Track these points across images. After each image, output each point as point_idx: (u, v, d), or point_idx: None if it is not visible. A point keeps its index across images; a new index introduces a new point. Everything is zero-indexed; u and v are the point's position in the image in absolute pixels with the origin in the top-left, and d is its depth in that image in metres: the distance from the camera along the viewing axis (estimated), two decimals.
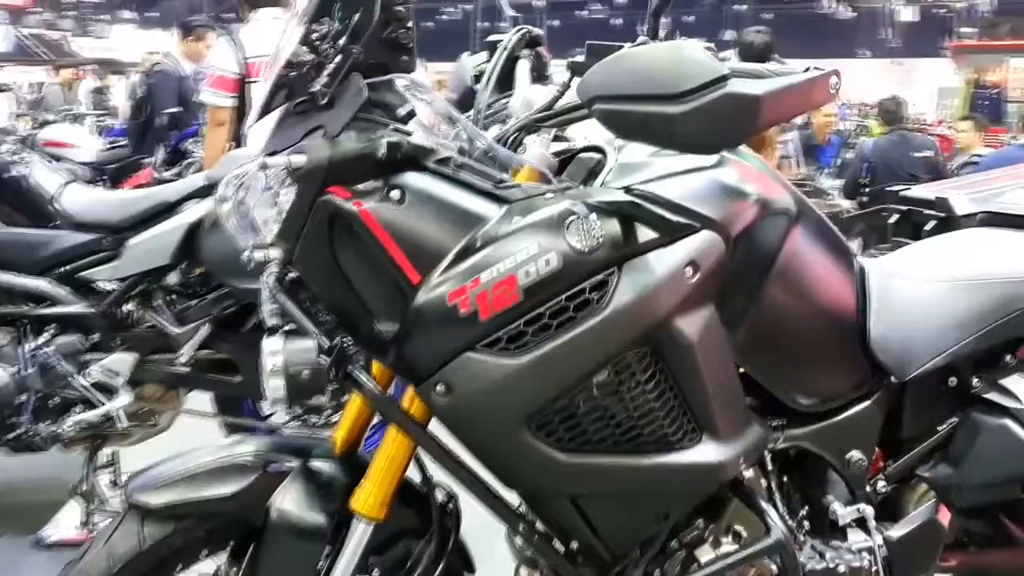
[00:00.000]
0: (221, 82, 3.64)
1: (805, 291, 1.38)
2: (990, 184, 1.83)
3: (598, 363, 1.17)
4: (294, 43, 1.24)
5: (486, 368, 1.16)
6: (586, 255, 1.16)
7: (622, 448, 1.22)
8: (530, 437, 1.19)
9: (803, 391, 1.41)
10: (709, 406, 1.24)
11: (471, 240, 1.17)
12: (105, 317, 2.55)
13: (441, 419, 1.22)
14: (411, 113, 1.24)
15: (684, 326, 1.20)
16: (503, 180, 1.21)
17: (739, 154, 1.34)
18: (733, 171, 1.30)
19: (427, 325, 1.16)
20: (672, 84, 1.03)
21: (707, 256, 1.22)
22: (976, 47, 14.63)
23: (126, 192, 2.83)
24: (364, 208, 1.15)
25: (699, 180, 1.27)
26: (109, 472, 2.84)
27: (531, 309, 1.15)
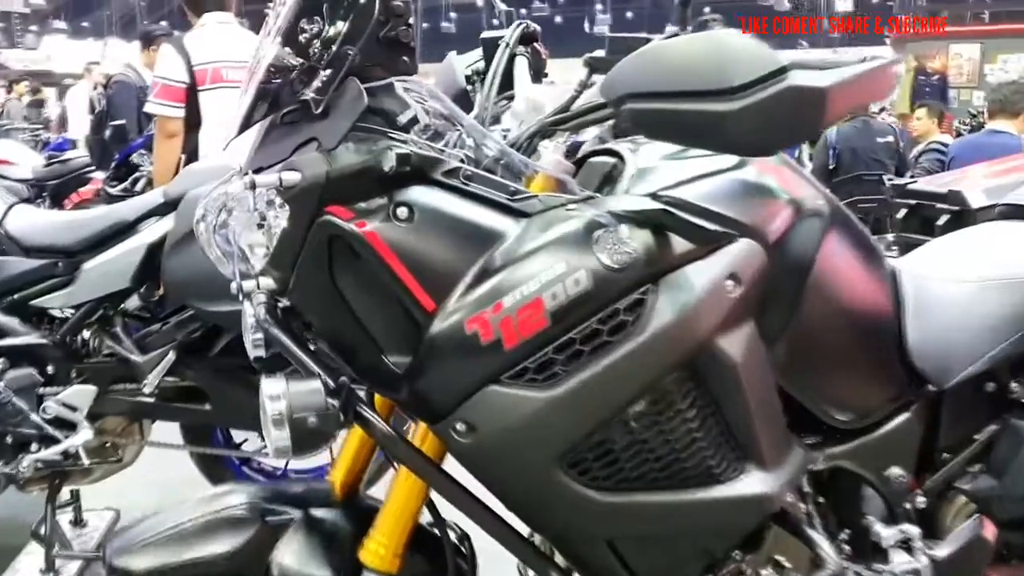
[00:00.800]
0: (168, 92, 3.48)
1: (843, 298, 1.27)
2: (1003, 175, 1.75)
3: (637, 392, 1.06)
4: (277, 46, 1.11)
5: (512, 402, 1.04)
6: (618, 272, 1.04)
7: (662, 484, 1.10)
8: (562, 476, 1.07)
9: (842, 405, 1.31)
10: (754, 432, 1.13)
11: (489, 260, 1.04)
12: (60, 347, 2.39)
13: (461, 460, 1.09)
14: (413, 120, 1.11)
15: (727, 345, 1.09)
16: (518, 191, 1.09)
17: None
18: (760, 170, 1.20)
19: (444, 357, 1.04)
20: (723, 78, 0.92)
21: (748, 267, 1.11)
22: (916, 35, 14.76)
23: (78, 212, 2.65)
24: (369, 229, 1.02)
25: (729, 183, 1.17)
26: (71, 511, 2.67)
27: (560, 335, 1.03)
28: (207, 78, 3.48)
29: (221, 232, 1.10)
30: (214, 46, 3.55)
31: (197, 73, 3.46)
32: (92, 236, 2.34)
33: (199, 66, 3.47)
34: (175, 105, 3.47)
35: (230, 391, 2.44)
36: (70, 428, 2.36)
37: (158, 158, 3.63)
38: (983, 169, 2.18)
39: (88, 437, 2.35)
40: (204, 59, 3.50)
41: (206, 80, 3.48)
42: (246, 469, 2.77)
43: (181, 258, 2.20)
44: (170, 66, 3.50)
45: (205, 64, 3.49)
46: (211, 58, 3.50)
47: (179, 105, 3.47)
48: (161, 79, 3.51)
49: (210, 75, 3.48)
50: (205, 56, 3.51)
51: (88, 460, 2.38)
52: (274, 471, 2.82)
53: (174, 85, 3.47)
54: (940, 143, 5.64)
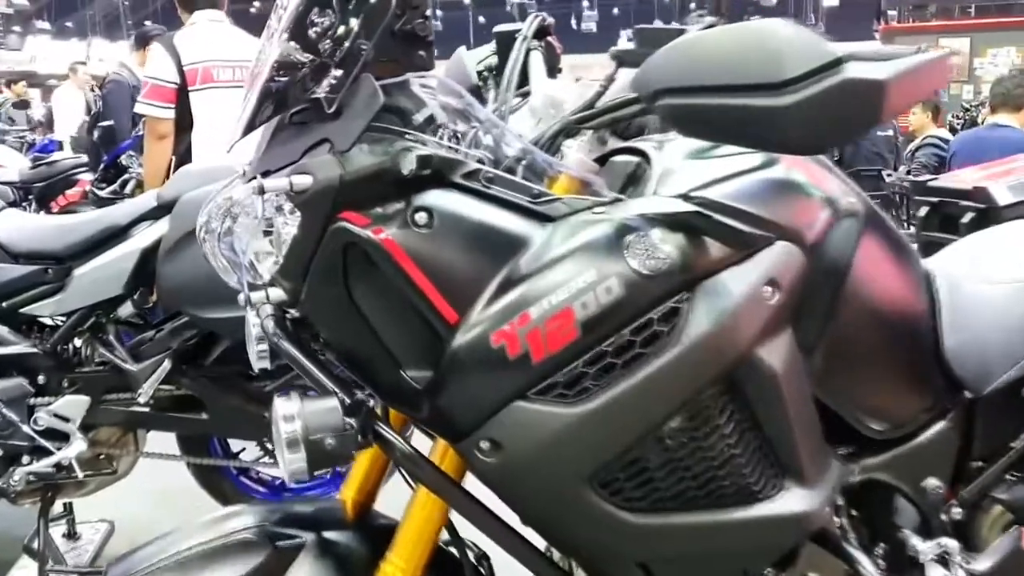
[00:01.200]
0: (158, 92, 3.42)
1: (880, 303, 1.22)
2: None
3: (673, 407, 1.00)
4: (284, 42, 1.04)
5: (541, 419, 0.97)
6: (652, 279, 0.98)
7: (699, 504, 1.04)
8: (593, 497, 1.00)
9: (878, 414, 1.25)
10: (794, 447, 1.07)
11: (514, 268, 0.98)
12: (51, 356, 2.32)
13: (485, 480, 1.02)
14: (430, 118, 1.04)
15: (766, 356, 1.03)
16: (542, 193, 1.02)
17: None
18: (789, 167, 1.14)
19: (468, 371, 0.97)
20: (772, 71, 0.85)
21: (787, 271, 1.05)
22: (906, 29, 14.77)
23: (68, 217, 2.58)
24: (386, 236, 0.96)
25: (762, 182, 1.10)
26: (64, 524, 2.60)
27: (591, 347, 0.97)
28: (197, 78, 3.41)
29: (226, 240, 1.04)
30: (205, 45, 3.48)
31: (187, 73, 3.39)
32: (83, 241, 2.27)
33: (189, 66, 3.40)
34: (165, 106, 3.41)
35: (227, 399, 2.37)
36: (62, 439, 2.29)
37: (148, 160, 3.55)
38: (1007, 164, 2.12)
39: (81, 448, 2.29)
40: (194, 58, 3.43)
41: (196, 80, 3.41)
42: (244, 479, 2.70)
43: (176, 263, 2.13)
44: (160, 66, 3.43)
45: (195, 64, 3.42)
46: (201, 57, 3.43)
47: (169, 106, 3.40)
48: (151, 79, 3.44)
49: (200, 75, 3.41)
50: (195, 55, 3.43)
51: (82, 472, 2.31)
52: (273, 481, 2.75)
53: (164, 85, 3.40)
54: (937, 138, 5.60)
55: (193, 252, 2.13)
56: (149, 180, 3.53)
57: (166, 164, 3.45)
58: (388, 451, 1.03)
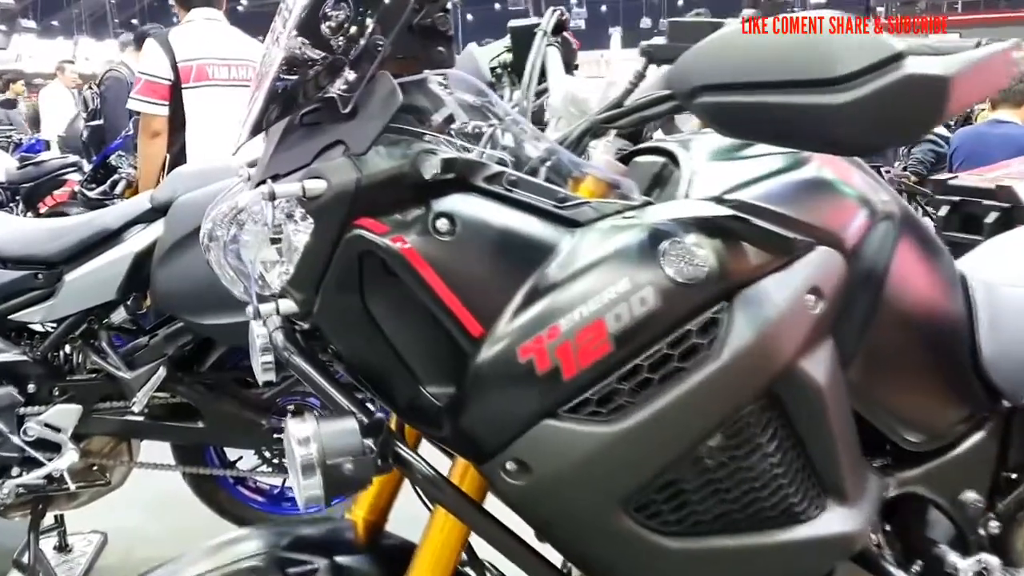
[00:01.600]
0: (151, 88, 3.38)
1: (918, 309, 1.16)
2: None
3: (714, 425, 0.93)
4: (293, 37, 0.97)
5: (571, 439, 0.91)
6: (689, 288, 0.91)
7: (739, 526, 0.98)
8: (627, 521, 0.94)
9: (916, 426, 1.19)
10: (837, 464, 1.01)
11: (541, 277, 0.92)
12: (41, 364, 2.25)
13: (511, 504, 0.96)
14: (449, 118, 0.98)
15: (809, 368, 0.97)
16: (568, 197, 0.96)
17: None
18: (821, 165, 1.08)
19: (493, 388, 0.91)
20: (825, 66, 0.79)
21: (829, 278, 0.99)
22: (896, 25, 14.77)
23: (59, 220, 2.50)
24: (406, 245, 0.89)
25: (798, 183, 1.05)
26: (55, 536, 2.53)
27: (626, 361, 0.91)
28: (191, 75, 3.38)
29: (232, 248, 0.97)
30: (200, 43, 3.45)
31: (181, 69, 3.36)
32: (74, 245, 2.19)
33: (183, 63, 3.37)
34: (159, 102, 3.38)
35: (224, 407, 2.31)
36: (54, 450, 2.22)
37: (143, 158, 3.51)
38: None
39: (73, 459, 2.22)
40: (189, 55, 3.39)
41: (190, 77, 3.38)
42: (241, 489, 2.63)
43: (172, 268, 2.07)
44: (153, 62, 3.40)
45: (190, 61, 3.38)
46: (196, 55, 3.40)
47: (162, 102, 3.37)
48: (145, 75, 3.41)
49: (195, 72, 3.38)
50: (190, 53, 3.40)
51: (74, 484, 2.24)
52: (271, 490, 2.68)
53: (158, 81, 3.37)
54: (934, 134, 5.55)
55: (189, 256, 2.06)
56: (144, 178, 3.49)
57: (160, 161, 3.42)
58: (409, 474, 0.96)
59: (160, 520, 2.83)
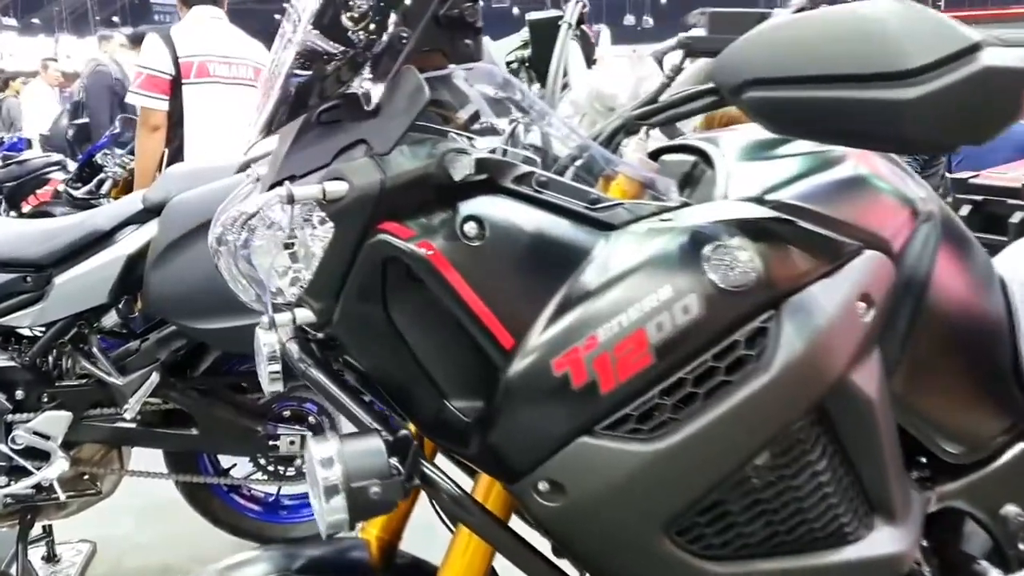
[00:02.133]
0: (152, 82, 3.35)
1: (960, 314, 1.11)
2: None
3: (762, 442, 0.88)
4: (309, 30, 0.91)
5: (610, 458, 0.85)
6: (736, 295, 0.86)
7: (786, 548, 0.93)
8: (670, 546, 0.89)
9: (957, 437, 1.14)
10: (886, 481, 0.96)
11: (576, 284, 0.86)
12: (30, 370, 2.17)
13: (543, 526, 0.91)
14: (475, 115, 0.92)
15: (859, 380, 0.92)
16: (600, 198, 0.90)
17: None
18: (859, 164, 1.03)
19: (526, 403, 0.85)
20: (895, 58, 0.73)
21: (879, 284, 0.94)
22: None
23: (48, 221, 2.43)
24: (433, 250, 0.83)
25: (838, 182, 0.99)
26: (43, 546, 2.45)
27: (668, 374, 0.85)
28: (192, 71, 3.36)
29: (243, 254, 0.91)
30: (201, 39, 3.43)
31: (182, 65, 3.34)
32: (64, 247, 2.12)
33: (185, 58, 3.35)
34: (159, 96, 3.35)
35: (218, 413, 2.25)
36: (43, 458, 2.15)
37: (141, 152, 3.48)
38: None
39: (63, 468, 2.15)
40: (190, 52, 3.37)
41: (191, 73, 3.36)
42: (235, 496, 2.57)
43: (166, 271, 2.00)
44: (155, 56, 3.37)
45: (191, 57, 3.36)
46: (198, 51, 3.38)
47: (163, 97, 3.35)
48: (145, 69, 3.38)
49: (196, 68, 3.36)
50: (191, 49, 3.38)
51: (63, 493, 2.17)
52: (266, 498, 2.62)
53: (159, 76, 3.34)
54: None
55: (184, 258, 2.00)
56: (140, 173, 3.47)
57: (159, 157, 3.39)
58: (434, 493, 0.90)
59: (151, 529, 2.76)
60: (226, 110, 3.37)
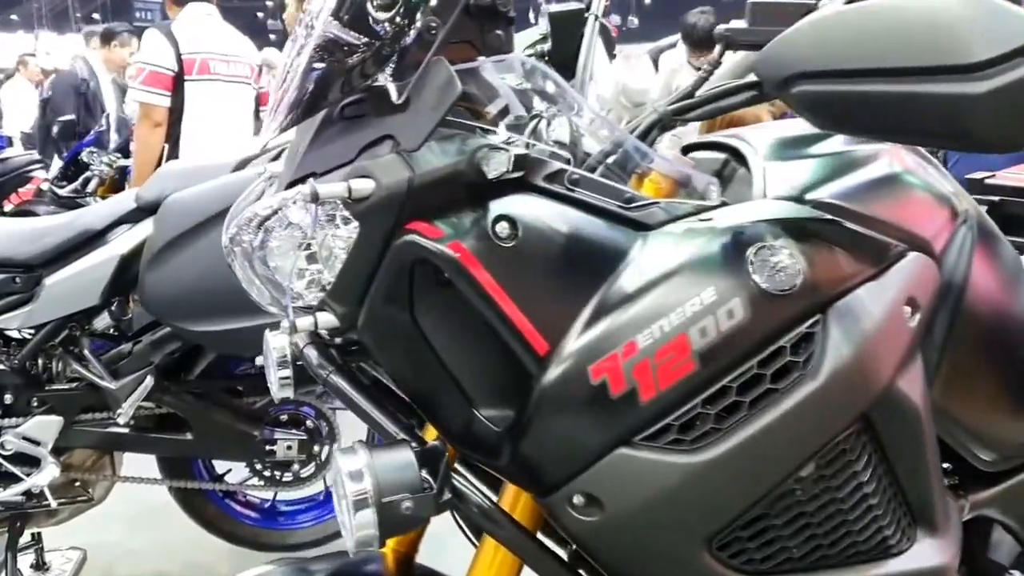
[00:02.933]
0: (156, 78, 3.37)
1: (995, 317, 1.08)
2: None
3: (809, 453, 0.84)
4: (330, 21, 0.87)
5: (650, 470, 0.81)
6: (782, 299, 0.82)
7: (830, 562, 0.89)
8: (712, 562, 0.85)
9: (991, 443, 1.11)
10: (929, 491, 0.93)
11: (613, 287, 0.82)
12: (19, 373, 2.12)
13: (578, 541, 0.87)
14: (505, 110, 0.88)
15: (905, 387, 0.88)
16: (634, 197, 0.86)
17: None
18: (893, 161, 0.99)
19: (561, 412, 0.81)
20: (957, 50, 0.70)
21: (925, 287, 0.91)
22: None
23: (38, 220, 2.37)
24: (465, 252, 0.79)
25: (877, 181, 0.96)
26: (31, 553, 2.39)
27: (711, 382, 0.81)
28: (195, 68, 3.38)
29: (259, 255, 0.86)
30: (202, 37, 3.44)
31: (185, 62, 3.36)
32: (55, 247, 2.06)
33: (188, 55, 3.36)
34: (163, 92, 3.37)
35: (214, 418, 2.19)
36: (33, 464, 2.10)
37: (142, 147, 3.48)
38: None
39: (54, 474, 2.10)
40: (193, 48, 3.39)
41: (194, 70, 3.38)
42: (230, 503, 2.51)
43: (162, 271, 1.95)
44: (158, 52, 3.38)
45: (194, 54, 3.38)
46: (200, 48, 3.40)
47: (166, 93, 3.37)
48: (149, 65, 3.38)
49: (198, 66, 3.38)
50: (194, 46, 3.40)
51: (54, 500, 2.11)
52: (262, 504, 2.56)
53: (163, 72, 3.35)
54: None
55: (181, 258, 1.95)
56: (139, 169, 3.46)
57: (159, 153, 3.40)
58: (465, 508, 0.86)
59: (142, 536, 2.70)
60: (225, 108, 3.40)
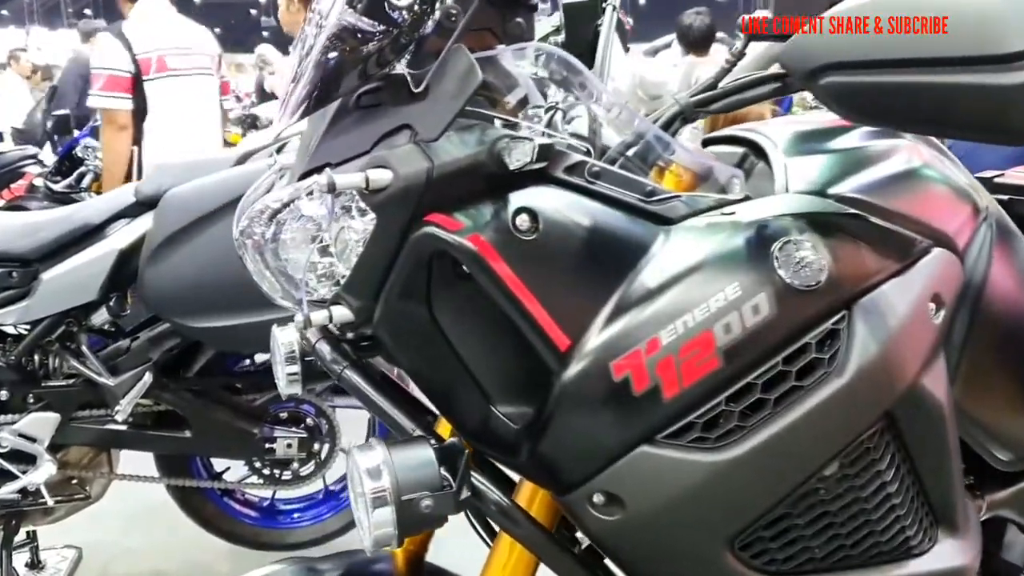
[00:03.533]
0: (115, 82, 3.34)
1: (1014, 315, 1.06)
2: None
3: (834, 452, 0.83)
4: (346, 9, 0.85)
5: (673, 469, 0.79)
6: (809, 295, 0.80)
7: (851, 563, 0.88)
8: (734, 562, 0.83)
9: (1008, 443, 1.09)
10: (951, 491, 0.91)
11: (635, 281, 0.80)
12: (15, 370, 2.09)
13: (598, 541, 0.85)
14: (524, 100, 0.86)
15: (929, 385, 0.87)
16: (655, 190, 0.84)
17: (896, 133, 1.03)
18: (912, 156, 0.98)
19: (582, 409, 0.79)
20: (990, 40, 0.68)
21: (949, 285, 0.89)
22: None
23: (35, 214, 2.34)
24: (485, 244, 0.77)
25: (899, 175, 0.95)
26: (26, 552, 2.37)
27: (736, 379, 0.79)
28: (152, 67, 3.35)
29: (271, 247, 0.84)
30: (156, 33, 3.41)
31: (141, 62, 3.33)
32: (52, 241, 2.04)
33: (143, 54, 3.33)
34: (123, 96, 3.34)
35: (213, 416, 2.17)
36: (29, 462, 2.08)
37: (110, 153, 3.45)
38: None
39: (50, 472, 2.07)
40: (147, 47, 3.36)
41: (151, 69, 3.35)
42: (229, 501, 2.48)
43: (162, 267, 1.92)
44: (112, 56, 3.35)
45: (149, 52, 3.35)
46: (154, 46, 3.37)
47: (127, 96, 3.34)
48: (105, 70, 3.35)
49: (155, 63, 3.35)
50: (147, 44, 3.37)
51: (51, 498, 2.08)
52: (261, 502, 2.54)
53: (119, 75, 3.32)
54: None
55: (181, 254, 1.92)
56: (109, 174, 3.44)
57: (127, 156, 3.37)
58: (482, 506, 0.84)
59: (139, 533, 2.67)
60: (187, 101, 3.39)
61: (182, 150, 3.22)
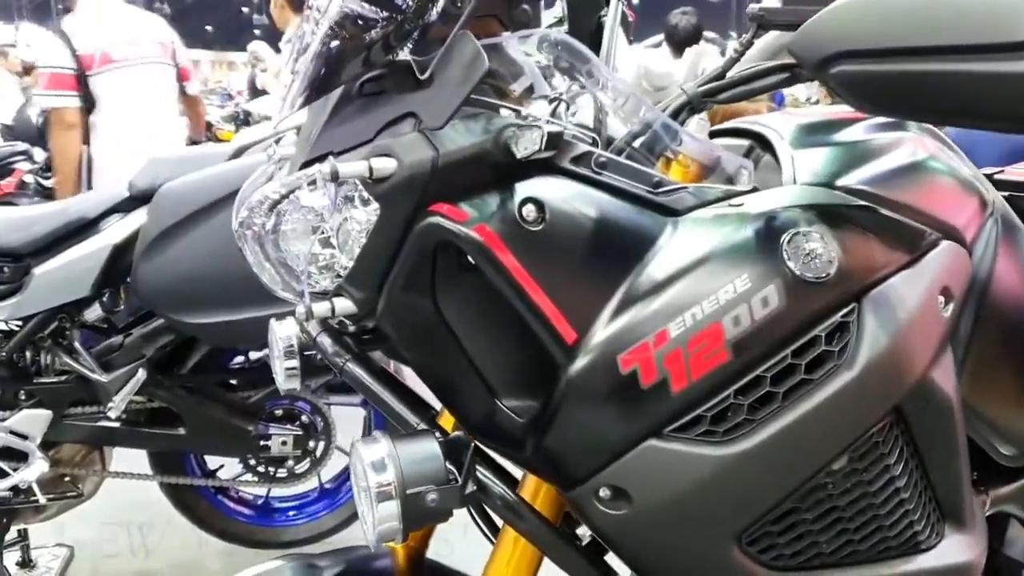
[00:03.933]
0: (59, 80, 3.32)
1: (1020, 309, 1.05)
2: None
3: (843, 446, 0.82)
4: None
5: (681, 463, 0.78)
6: (818, 287, 0.79)
7: (859, 558, 0.87)
8: (742, 557, 0.82)
9: (1013, 439, 1.09)
10: (958, 486, 0.91)
11: (643, 273, 0.79)
12: (7, 366, 2.08)
13: (604, 535, 0.83)
14: (530, 88, 0.85)
15: (938, 379, 0.86)
16: (662, 181, 0.83)
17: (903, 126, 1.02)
18: (918, 148, 0.97)
19: (588, 403, 0.78)
20: (1002, 29, 0.67)
21: (958, 278, 0.88)
22: None
23: (27, 209, 2.33)
24: (491, 235, 0.76)
25: (907, 167, 0.94)
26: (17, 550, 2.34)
27: (745, 372, 0.78)
28: (95, 61, 3.32)
29: (271, 238, 0.83)
30: (97, 26, 3.38)
31: (83, 58, 3.30)
32: (45, 236, 2.02)
33: (85, 52, 3.31)
34: (69, 94, 3.32)
35: (207, 413, 2.15)
36: (20, 459, 2.06)
37: (59, 153, 3.43)
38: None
39: (42, 469, 2.05)
40: (89, 41, 3.33)
41: (94, 64, 3.32)
42: (223, 499, 2.46)
43: (157, 262, 1.90)
44: (54, 54, 3.33)
45: (91, 46, 3.32)
46: (97, 40, 3.34)
47: (72, 93, 3.32)
48: (48, 68, 3.33)
49: (99, 57, 3.32)
50: (89, 38, 3.34)
51: (43, 496, 2.06)
52: (255, 500, 2.52)
53: (63, 73, 3.30)
54: None
55: (176, 249, 1.90)
56: (63, 175, 3.40)
57: (78, 154, 3.36)
58: (488, 501, 0.83)
59: (130, 533, 2.65)
60: (137, 92, 3.36)
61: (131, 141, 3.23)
